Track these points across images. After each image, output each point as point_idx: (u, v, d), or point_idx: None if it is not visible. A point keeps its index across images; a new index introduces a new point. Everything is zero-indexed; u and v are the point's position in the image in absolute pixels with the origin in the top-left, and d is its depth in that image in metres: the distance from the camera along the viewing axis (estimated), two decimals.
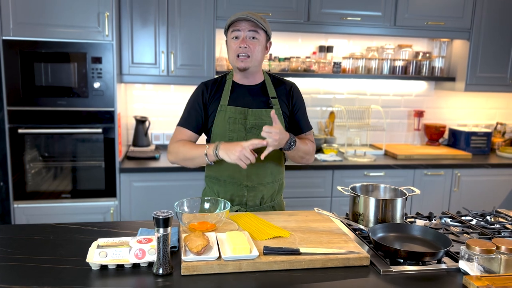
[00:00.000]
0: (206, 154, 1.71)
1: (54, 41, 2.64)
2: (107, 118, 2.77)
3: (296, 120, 1.90)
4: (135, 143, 3.25)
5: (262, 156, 1.65)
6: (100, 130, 2.76)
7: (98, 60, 2.69)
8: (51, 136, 2.74)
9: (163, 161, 3.00)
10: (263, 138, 1.64)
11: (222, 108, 1.82)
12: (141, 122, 3.24)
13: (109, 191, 2.84)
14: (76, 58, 2.68)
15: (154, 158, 3.04)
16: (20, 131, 2.67)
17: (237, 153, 1.62)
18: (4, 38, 2.58)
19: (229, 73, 1.91)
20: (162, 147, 3.41)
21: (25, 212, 2.76)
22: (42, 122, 2.70)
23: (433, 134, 3.70)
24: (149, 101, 3.40)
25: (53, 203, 2.79)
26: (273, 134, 1.62)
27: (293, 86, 1.92)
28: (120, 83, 2.94)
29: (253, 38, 1.76)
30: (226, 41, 1.84)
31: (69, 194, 2.81)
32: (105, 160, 2.81)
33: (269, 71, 3.28)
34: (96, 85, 2.72)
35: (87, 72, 2.70)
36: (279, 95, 1.87)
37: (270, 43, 1.86)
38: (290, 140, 1.71)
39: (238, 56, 1.76)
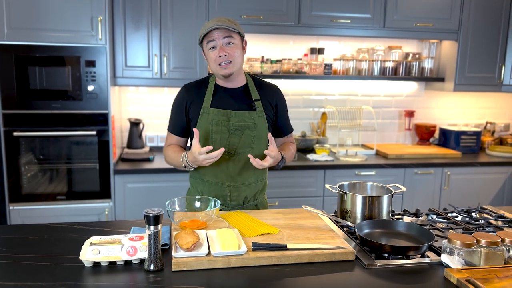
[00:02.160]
0: (185, 166, 1.84)
1: (48, 45, 2.67)
2: (101, 121, 2.81)
3: (279, 123, 1.95)
4: (130, 145, 3.29)
5: (260, 167, 1.77)
6: (94, 133, 2.79)
7: (91, 63, 2.73)
8: (46, 138, 2.77)
9: (157, 163, 3.04)
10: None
11: (204, 111, 1.84)
12: (135, 124, 3.28)
13: (104, 192, 2.88)
14: (70, 61, 2.72)
15: (148, 160, 3.08)
16: (15, 134, 2.70)
17: (201, 163, 1.72)
18: None
19: (211, 75, 1.92)
20: (156, 149, 3.45)
21: (21, 214, 2.79)
22: (37, 125, 2.74)
23: (424, 133, 3.75)
24: (143, 103, 3.44)
25: (49, 205, 2.82)
26: (273, 156, 1.75)
27: (275, 89, 1.96)
28: (114, 86, 2.98)
29: (230, 43, 1.77)
30: (203, 52, 1.85)
31: (64, 196, 2.84)
32: (99, 162, 2.84)
33: (261, 73, 3.33)
34: (90, 88, 2.76)
35: (81, 76, 2.74)
36: (262, 98, 1.89)
37: (246, 42, 1.87)
38: (281, 162, 1.86)
39: (220, 64, 1.78)
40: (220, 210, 1.87)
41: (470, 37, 3.41)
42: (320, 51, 3.51)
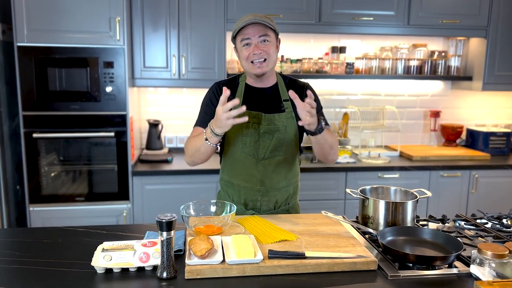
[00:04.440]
0: (206, 139, 1.63)
1: (67, 47, 2.68)
2: (120, 122, 2.80)
3: None
4: (148, 146, 3.28)
5: (301, 123, 1.53)
6: (112, 134, 2.78)
7: (110, 64, 2.72)
8: (64, 140, 2.78)
9: (176, 164, 3.01)
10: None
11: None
12: (154, 125, 3.27)
13: (122, 194, 2.87)
14: (89, 63, 2.71)
15: (166, 161, 3.06)
16: (34, 135, 2.72)
17: (225, 122, 1.52)
18: (19, 44, 2.64)
19: (241, 75, 1.87)
20: (175, 150, 3.42)
21: (41, 215, 2.80)
22: (56, 126, 2.75)
23: (450, 134, 3.62)
24: (162, 104, 3.42)
25: (68, 206, 2.83)
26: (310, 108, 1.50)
27: (306, 86, 1.86)
28: (132, 87, 2.97)
29: (265, 41, 1.71)
30: (235, 47, 1.78)
31: (83, 197, 2.84)
32: (118, 163, 2.84)
33: (280, 73, 3.26)
34: (108, 89, 2.75)
35: (99, 77, 2.73)
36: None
37: (279, 40, 1.81)
38: (320, 126, 1.58)
39: (253, 62, 1.71)
40: (251, 215, 1.81)
41: (499, 34, 3.27)
42: (342, 49, 3.42)
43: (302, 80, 1.95)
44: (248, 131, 1.78)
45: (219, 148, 1.91)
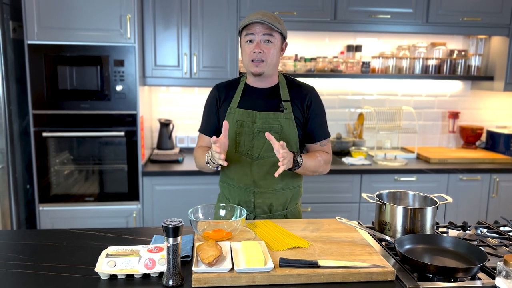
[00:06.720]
0: (208, 163, 1.70)
1: (77, 45, 2.64)
2: (130, 121, 2.75)
3: (311, 127, 1.79)
4: (159, 146, 3.23)
5: (276, 174, 1.56)
6: (122, 134, 2.74)
7: (120, 63, 2.68)
8: (74, 139, 2.75)
9: (186, 165, 2.96)
10: (270, 143, 1.64)
11: (231, 111, 1.77)
12: (165, 125, 3.22)
13: (132, 194, 2.82)
14: (99, 61, 2.67)
15: (177, 161, 3.01)
16: (44, 134, 2.69)
17: (216, 156, 1.58)
18: (29, 42, 2.61)
19: (243, 75, 1.85)
20: (186, 150, 3.37)
21: (50, 215, 2.78)
22: (66, 125, 2.71)
23: (469, 136, 3.51)
24: (174, 103, 3.38)
25: (77, 206, 2.80)
26: (283, 154, 1.54)
27: (310, 91, 1.81)
28: (143, 86, 2.93)
29: (268, 41, 1.68)
30: (240, 42, 1.77)
31: (93, 197, 2.81)
32: (128, 163, 2.79)
33: (294, 72, 3.19)
34: (119, 88, 2.71)
35: (109, 75, 2.69)
36: (294, 99, 1.77)
37: (286, 44, 1.78)
38: (296, 157, 1.64)
39: (252, 60, 1.69)
40: (246, 218, 1.76)
41: None
42: (358, 48, 3.33)
43: (316, 79, 1.88)
44: (243, 130, 1.75)
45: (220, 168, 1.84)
